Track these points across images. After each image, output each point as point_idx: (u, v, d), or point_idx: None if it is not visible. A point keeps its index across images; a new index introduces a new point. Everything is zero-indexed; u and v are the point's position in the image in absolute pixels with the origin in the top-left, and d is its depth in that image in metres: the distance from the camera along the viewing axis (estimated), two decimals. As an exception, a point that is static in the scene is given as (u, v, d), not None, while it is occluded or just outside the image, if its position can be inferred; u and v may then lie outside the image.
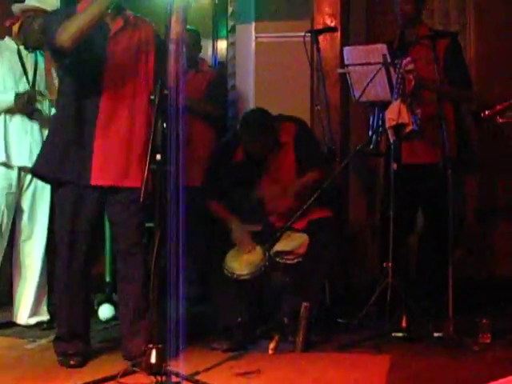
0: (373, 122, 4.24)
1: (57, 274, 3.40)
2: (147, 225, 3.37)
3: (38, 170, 3.42)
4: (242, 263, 3.80)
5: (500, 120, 3.96)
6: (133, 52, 3.31)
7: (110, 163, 3.25)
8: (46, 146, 3.42)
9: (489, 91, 4.96)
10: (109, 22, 3.26)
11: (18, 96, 3.98)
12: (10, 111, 4.01)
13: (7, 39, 4.18)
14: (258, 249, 3.84)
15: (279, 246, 3.83)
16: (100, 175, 3.24)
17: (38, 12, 4.05)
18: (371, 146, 4.07)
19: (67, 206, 3.30)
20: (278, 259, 3.85)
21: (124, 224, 3.34)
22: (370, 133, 4.18)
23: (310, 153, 4.00)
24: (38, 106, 4.10)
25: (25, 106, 4.01)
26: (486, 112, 3.96)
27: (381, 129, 4.00)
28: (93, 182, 3.24)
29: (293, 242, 3.85)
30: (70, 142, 3.26)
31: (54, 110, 4.12)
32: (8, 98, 3.98)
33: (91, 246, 3.39)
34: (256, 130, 3.91)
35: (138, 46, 3.32)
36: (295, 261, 3.84)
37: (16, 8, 4.16)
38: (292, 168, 3.99)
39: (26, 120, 4.07)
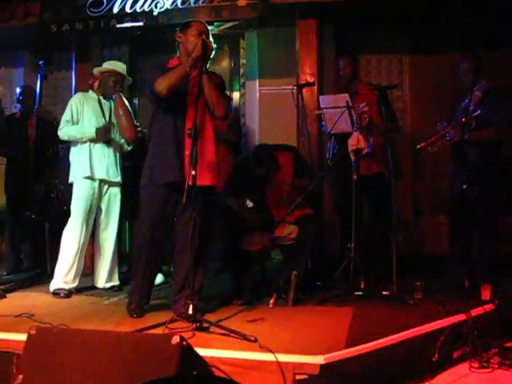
0: (329, 146, 4.40)
1: (138, 245, 3.29)
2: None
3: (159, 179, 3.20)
4: (252, 243, 3.80)
5: (430, 149, 3.96)
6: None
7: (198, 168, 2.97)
8: (150, 159, 3.26)
9: (419, 128, 4.97)
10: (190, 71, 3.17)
11: (98, 130, 4.01)
12: (93, 140, 4.03)
13: (90, 92, 4.20)
14: (263, 234, 3.82)
15: (277, 233, 3.83)
16: (191, 177, 2.94)
17: (111, 72, 4.08)
18: (330, 163, 4.18)
19: (156, 198, 3.21)
20: (277, 241, 3.86)
21: (188, 223, 3.09)
22: (328, 154, 4.41)
23: (304, 169, 4.00)
24: (113, 136, 4.11)
25: (104, 134, 4.04)
26: (421, 144, 3.98)
27: (340, 151, 4.07)
28: (190, 182, 2.89)
29: (287, 230, 3.84)
30: (169, 153, 3.17)
31: (123, 140, 4.15)
32: (92, 131, 4.00)
33: (167, 231, 3.31)
34: (261, 157, 3.91)
35: None
36: (289, 243, 3.84)
37: (96, 70, 4.19)
38: (289, 179, 3.94)
39: (104, 146, 4.08)
